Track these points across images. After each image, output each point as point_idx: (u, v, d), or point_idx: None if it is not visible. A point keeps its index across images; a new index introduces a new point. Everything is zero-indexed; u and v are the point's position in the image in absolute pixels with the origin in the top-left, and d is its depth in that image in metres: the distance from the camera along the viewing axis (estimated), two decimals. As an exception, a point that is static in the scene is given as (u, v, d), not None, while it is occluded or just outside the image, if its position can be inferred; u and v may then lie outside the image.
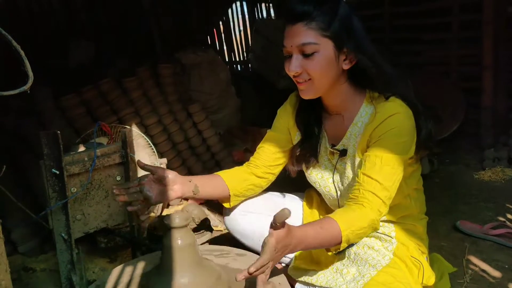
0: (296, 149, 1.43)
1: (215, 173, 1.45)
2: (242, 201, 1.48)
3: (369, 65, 1.22)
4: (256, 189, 1.48)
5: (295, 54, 1.21)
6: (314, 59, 1.19)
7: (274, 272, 1.20)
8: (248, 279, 1.00)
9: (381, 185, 1.15)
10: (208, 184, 1.38)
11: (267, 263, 1.00)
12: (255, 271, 0.97)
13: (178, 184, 1.29)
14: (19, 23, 3.18)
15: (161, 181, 1.27)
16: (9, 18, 3.06)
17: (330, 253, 1.21)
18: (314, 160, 1.41)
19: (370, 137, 1.22)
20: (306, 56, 1.19)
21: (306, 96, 1.27)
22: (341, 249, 1.15)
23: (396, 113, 1.19)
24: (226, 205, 1.45)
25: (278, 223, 0.99)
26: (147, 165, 1.26)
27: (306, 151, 1.41)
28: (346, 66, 1.23)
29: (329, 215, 1.16)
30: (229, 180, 1.41)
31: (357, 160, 1.27)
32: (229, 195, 1.41)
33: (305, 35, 1.18)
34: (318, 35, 1.18)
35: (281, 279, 1.19)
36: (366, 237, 1.35)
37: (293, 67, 1.21)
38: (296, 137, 1.44)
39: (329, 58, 1.19)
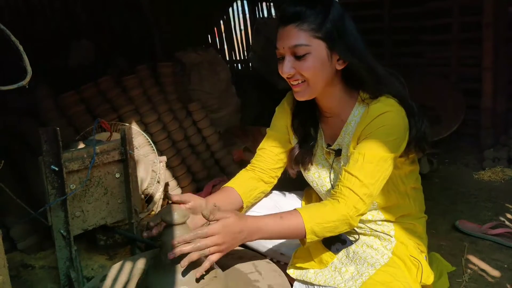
0: (294, 151, 1.43)
1: (228, 184, 1.42)
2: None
3: (360, 66, 1.21)
4: (263, 196, 1.49)
5: (288, 56, 1.20)
6: (306, 61, 1.18)
7: (274, 272, 1.20)
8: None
9: (360, 181, 1.15)
10: (227, 202, 1.36)
11: (194, 240, 1.01)
12: (176, 243, 1.00)
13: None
14: (20, 23, 3.19)
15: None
16: (10, 18, 3.06)
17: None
18: (310, 162, 1.41)
19: (360, 135, 1.22)
20: (298, 57, 1.19)
21: (301, 97, 1.26)
22: (307, 240, 1.14)
23: (386, 112, 1.18)
24: None
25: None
26: (176, 196, 1.21)
27: (303, 153, 1.41)
28: (339, 66, 1.22)
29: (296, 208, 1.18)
30: (242, 191, 1.39)
31: None
32: (242, 207, 1.40)
33: (296, 36, 1.17)
34: (309, 37, 1.17)
35: (281, 277, 1.19)
36: (365, 235, 1.35)
37: (286, 68, 1.20)
38: (294, 138, 1.44)
39: (321, 59, 1.19)
